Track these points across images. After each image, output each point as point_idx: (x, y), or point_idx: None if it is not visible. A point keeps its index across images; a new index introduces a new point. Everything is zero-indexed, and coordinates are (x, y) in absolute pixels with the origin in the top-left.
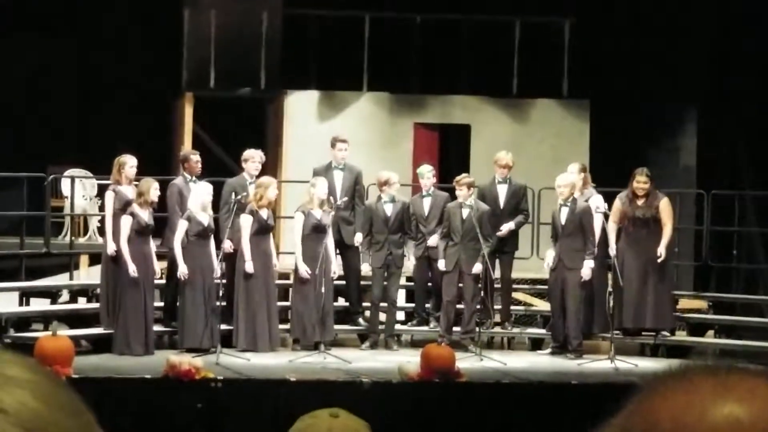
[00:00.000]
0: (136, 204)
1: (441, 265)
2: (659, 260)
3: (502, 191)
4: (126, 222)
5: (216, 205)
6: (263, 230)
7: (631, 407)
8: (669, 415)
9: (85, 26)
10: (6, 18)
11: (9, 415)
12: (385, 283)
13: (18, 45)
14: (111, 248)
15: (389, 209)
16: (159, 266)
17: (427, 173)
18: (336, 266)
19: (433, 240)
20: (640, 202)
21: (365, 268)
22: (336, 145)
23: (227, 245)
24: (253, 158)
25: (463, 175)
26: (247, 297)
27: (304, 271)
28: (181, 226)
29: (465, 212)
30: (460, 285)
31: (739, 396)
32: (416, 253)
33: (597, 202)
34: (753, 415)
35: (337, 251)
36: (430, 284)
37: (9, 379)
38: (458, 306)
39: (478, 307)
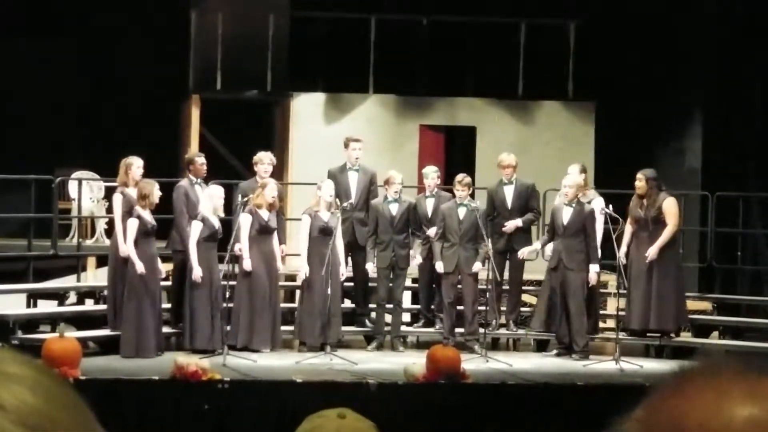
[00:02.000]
0: (139, 206)
1: (439, 267)
2: (647, 260)
3: (509, 192)
4: (132, 224)
5: (227, 207)
6: (264, 231)
7: (655, 403)
8: (696, 419)
9: (91, 28)
10: (11, 19)
11: (8, 411)
12: (390, 284)
13: (24, 47)
14: (122, 250)
15: (394, 209)
16: (164, 268)
17: (432, 174)
18: (344, 268)
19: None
20: (644, 203)
21: (370, 269)
22: (349, 145)
23: (237, 247)
24: (262, 161)
25: (462, 175)
26: (249, 297)
27: (304, 273)
28: (195, 228)
29: (461, 212)
30: (459, 287)
31: None
32: (422, 253)
33: (598, 204)
34: None
35: (348, 253)
36: (434, 285)
37: (8, 376)
38: (459, 307)
39: (483, 308)
